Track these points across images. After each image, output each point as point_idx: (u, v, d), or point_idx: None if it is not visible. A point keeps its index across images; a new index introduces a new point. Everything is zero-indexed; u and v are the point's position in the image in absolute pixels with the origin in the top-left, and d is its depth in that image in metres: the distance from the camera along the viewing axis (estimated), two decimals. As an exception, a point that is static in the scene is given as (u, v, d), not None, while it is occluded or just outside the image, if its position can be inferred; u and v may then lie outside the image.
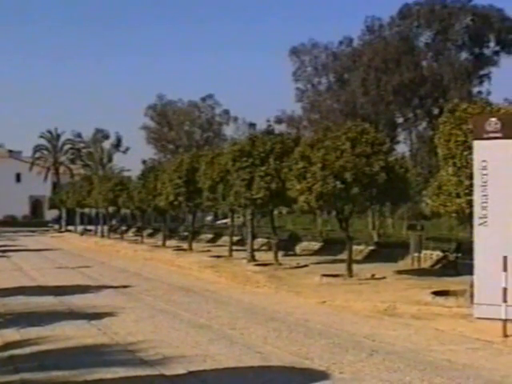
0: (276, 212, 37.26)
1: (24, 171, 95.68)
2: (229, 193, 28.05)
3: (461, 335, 13.01)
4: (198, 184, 31.90)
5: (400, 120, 72.23)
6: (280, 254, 29.00)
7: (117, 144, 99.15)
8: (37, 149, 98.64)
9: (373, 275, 22.77)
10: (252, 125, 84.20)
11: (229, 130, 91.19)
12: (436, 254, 26.77)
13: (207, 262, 29.81)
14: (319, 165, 21.13)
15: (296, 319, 15.35)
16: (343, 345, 12.19)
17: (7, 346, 12.24)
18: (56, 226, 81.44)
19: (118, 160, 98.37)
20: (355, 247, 27.66)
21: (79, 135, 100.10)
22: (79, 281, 23.87)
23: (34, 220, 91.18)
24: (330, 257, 29.61)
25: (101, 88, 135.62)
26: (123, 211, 64.18)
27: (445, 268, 24.88)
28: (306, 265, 27.35)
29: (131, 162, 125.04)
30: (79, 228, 68.31)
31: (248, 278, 23.84)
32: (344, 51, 73.38)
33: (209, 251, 36.40)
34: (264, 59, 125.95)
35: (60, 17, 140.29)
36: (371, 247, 31.46)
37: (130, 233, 60.01)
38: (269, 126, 75.86)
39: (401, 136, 72.43)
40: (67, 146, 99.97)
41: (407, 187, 23.55)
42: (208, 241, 46.12)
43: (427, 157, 55.23)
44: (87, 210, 72.09)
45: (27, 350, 11.88)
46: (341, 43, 73.39)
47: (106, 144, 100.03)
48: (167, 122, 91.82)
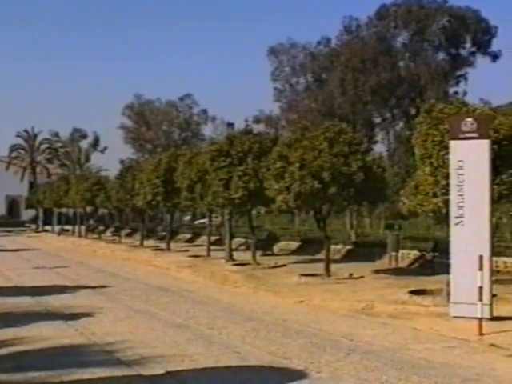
0: (254, 212, 37.25)
1: (0, 171, 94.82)
2: (207, 192, 28.03)
3: (437, 334, 13.10)
4: (176, 184, 31.85)
5: (377, 120, 72.60)
6: (258, 254, 29.04)
7: (94, 143, 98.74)
8: (13, 148, 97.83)
9: (350, 274, 22.87)
10: (230, 124, 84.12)
11: (207, 130, 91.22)
12: (413, 254, 26.95)
13: (185, 262, 29.77)
14: (297, 164, 21.17)
15: (274, 319, 15.37)
16: (321, 344, 12.23)
17: (-17, 347, 12.14)
18: (33, 226, 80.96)
19: (96, 160, 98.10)
20: (333, 247, 27.77)
21: (56, 134, 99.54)
22: (56, 281, 23.73)
23: (11, 220, 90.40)
24: (308, 256, 29.69)
25: (78, 87, 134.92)
26: (101, 211, 64.05)
27: (422, 267, 25.06)
28: (284, 264, 27.40)
29: (109, 162, 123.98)
30: (56, 228, 67.93)
31: (226, 278, 23.83)
32: (322, 51, 73.58)
33: (187, 251, 36.36)
34: (242, 59, 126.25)
35: (38, 17, 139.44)
36: (349, 247, 31.59)
37: (108, 233, 59.78)
38: (247, 126, 75.63)
39: (378, 136, 72.81)
40: (44, 146, 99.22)
41: (384, 187, 23.69)
42: (186, 241, 46.06)
43: (404, 157, 55.51)
44: (64, 210, 71.75)
45: (4, 351, 11.80)
46: (319, 43, 73.66)
47: (84, 143, 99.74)
48: (145, 122, 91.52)
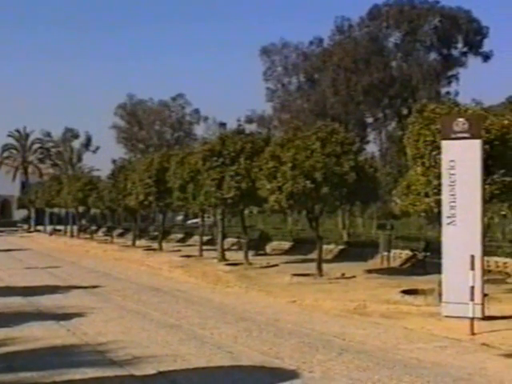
0: (246, 211, 37.29)
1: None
2: (199, 192, 28.02)
3: (429, 333, 13.12)
4: (169, 184, 31.83)
5: (370, 120, 72.68)
6: (250, 254, 29.05)
7: (86, 143, 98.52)
8: (5, 148, 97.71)
9: (343, 274, 22.90)
10: (222, 124, 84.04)
11: (199, 130, 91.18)
12: (405, 253, 27.00)
13: (177, 262, 29.75)
14: (289, 164, 21.19)
15: (266, 319, 15.37)
16: (313, 344, 12.23)
17: (-25, 348, 12.11)
18: (25, 226, 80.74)
19: (88, 159, 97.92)
20: (325, 246, 27.80)
21: (48, 134, 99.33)
22: (48, 281, 23.66)
23: (3, 220, 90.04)
24: (301, 256, 29.72)
25: (70, 87, 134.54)
26: (93, 211, 63.85)
27: (414, 267, 25.10)
28: (277, 264, 27.42)
29: (101, 162, 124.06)
30: (48, 228, 67.74)
31: (218, 278, 23.82)
32: (314, 51, 73.62)
33: (179, 251, 36.34)
34: (234, 59, 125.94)
35: (29, 18, 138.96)
36: (341, 246, 31.63)
37: (100, 233, 59.69)
38: (239, 126, 75.62)
39: (370, 136, 72.91)
40: (36, 146, 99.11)
41: (377, 187, 23.76)
42: (178, 240, 46.03)
43: (396, 156, 55.53)
44: (56, 210, 71.57)
45: (-5, 352, 11.77)
46: (311, 43, 73.70)
47: (76, 143, 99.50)
48: (137, 122, 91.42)
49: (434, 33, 69.27)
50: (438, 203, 14.89)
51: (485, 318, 13.57)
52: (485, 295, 14.03)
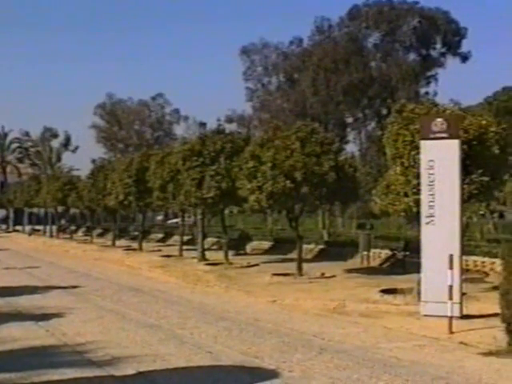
0: (227, 211, 37.26)
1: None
2: (179, 192, 27.98)
3: (408, 332, 13.19)
4: (148, 183, 31.74)
5: (349, 120, 72.96)
6: (230, 254, 29.05)
7: (66, 143, 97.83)
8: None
9: (322, 274, 22.96)
10: (202, 124, 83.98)
11: (179, 130, 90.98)
12: (385, 253, 27.11)
13: (157, 262, 29.68)
14: (269, 164, 21.22)
15: (246, 318, 15.38)
16: (293, 343, 12.26)
17: (-48, 349, 12.01)
18: (3, 226, 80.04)
19: (67, 159, 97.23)
20: (305, 246, 27.85)
21: (27, 134, 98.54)
22: (27, 281, 23.51)
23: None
24: (281, 256, 29.75)
25: (49, 86, 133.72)
26: (72, 211, 63.50)
27: (393, 266, 25.21)
28: (257, 264, 27.43)
29: (80, 162, 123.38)
30: (27, 228, 67.25)
31: (198, 278, 23.80)
32: (294, 51, 73.80)
33: (159, 251, 36.26)
34: (214, 58, 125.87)
35: (7, 18, 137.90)
36: (321, 246, 31.69)
37: (80, 233, 59.39)
38: (219, 126, 75.49)
39: (350, 136, 73.24)
40: (15, 145, 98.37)
41: (356, 186, 23.82)
42: (158, 240, 45.91)
43: (376, 156, 55.79)
44: (35, 210, 71.12)
45: (-27, 353, 11.68)
46: (291, 43, 73.89)
47: (55, 143, 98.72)
48: (117, 121, 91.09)
49: (413, 33, 69.70)
50: (417, 203, 14.98)
51: (463, 317, 13.66)
52: (463, 294, 14.13)
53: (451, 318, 12.89)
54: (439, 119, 14.39)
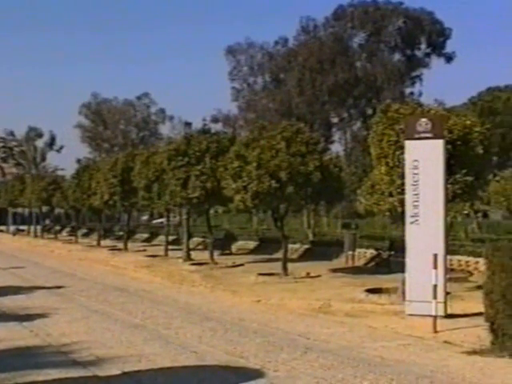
0: (212, 211, 37.28)
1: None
2: (164, 192, 27.93)
3: (393, 332, 13.24)
4: (134, 183, 31.66)
5: (335, 120, 73.13)
6: (216, 253, 29.03)
7: (50, 143, 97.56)
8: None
9: (308, 273, 22.98)
10: (188, 124, 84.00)
11: (165, 129, 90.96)
12: (370, 252, 27.19)
13: (143, 262, 29.62)
14: (254, 164, 21.22)
15: (231, 318, 15.38)
16: (278, 343, 12.27)
17: None
18: (-13, 227, 79.63)
19: (52, 159, 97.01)
20: (291, 246, 27.88)
21: (12, 133, 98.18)
22: (11, 282, 23.39)
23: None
24: (266, 256, 29.76)
25: (34, 85, 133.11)
26: (57, 211, 63.31)
27: (378, 266, 25.29)
28: (242, 264, 27.43)
29: (65, 161, 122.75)
30: (11, 228, 66.91)
31: (184, 278, 23.78)
32: (279, 51, 73.89)
33: (144, 251, 36.20)
34: (200, 58, 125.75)
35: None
36: (306, 246, 31.73)
37: (64, 233, 59.16)
38: (205, 125, 75.74)
39: (336, 136, 73.45)
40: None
41: (342, 186, 23.88)
42: (143, 240, 45.82)
43: (361, 156, 55.99)
44: (20, 210, 70.78)
45: (-44, 354, 11.61)
46: (276, 43, 73.97)
47: (40, 142, 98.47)
48: (102, 121, 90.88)
49: (398, 34, 69.97)
50: (402, 202, 15.03)
51: (447, 316, 13.74)
52: (447, 293, 14.19)
53: (435, 318, 12.95)
54: (424, 119, 14.46)
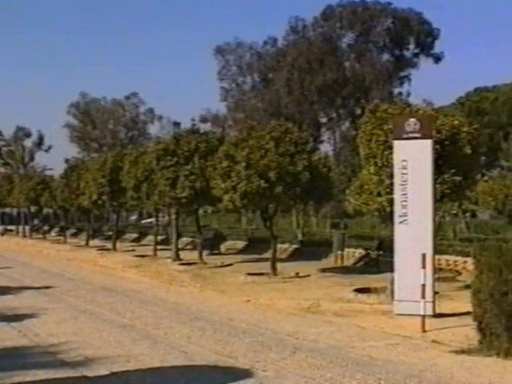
0: (201, 211, 37.21)
1: None
2: (153, 192, 27.90)
3: (381, 331, 13.27)
4: (122, 183, 31.61)
5: (324, 120, 73.20)
6: (205, 253, 29.02)
7: (39, 142, 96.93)
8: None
9: (297, 273, 23.00)
10: (177, 124, 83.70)
11: (153, 129, 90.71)
12: (358, 252, 27.25)
13: (131, 262, 29.57)
14: (243, 164, 21.23)
15: (220, 318, 15.38)
16: (267, 343, 12.27)
17: None
18: (-25, 227, 79.27)
19: (40, 159, 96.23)
20: (280, 246, 27.90)
21: (0, 133, 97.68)
22: (-1, 282, 23.33)
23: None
24: (255, 255, 29.77)
25: (22, 85, 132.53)
26: (46, 211, 63.04)
27: (367, 265, 25.35)
28: (231, 264, 27.43)
29: (54, 161, 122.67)
30: (0, 228, 66.68)
31: (173, 278, 23.76)
32: (268, 51, 73.90)
33: (133, 251, 36.13)
34: (189, 58, 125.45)
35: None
36: (295, 246, 31.77)
37: (53, 233, 58.94)
38: (193, 125, 75.34)
39: (324, 135, 73.49)
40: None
41: (330, 186, 23.90)
42: (132, 240, 45.73)
43: (350, 156, 56.13)
44: (8, 210, 70.49)
45: None
46: (265, 43, 73.99)
47: (28, 142, 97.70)
48: (91, 121, 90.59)
49: (387, 34, 70.12)
50: (391, 202, 15.07)
51: (436, 316, 13.78)
52: (436, 293, 14.24)
53: (424, 317, 12.99)
54: (412, 119, 14.51)
